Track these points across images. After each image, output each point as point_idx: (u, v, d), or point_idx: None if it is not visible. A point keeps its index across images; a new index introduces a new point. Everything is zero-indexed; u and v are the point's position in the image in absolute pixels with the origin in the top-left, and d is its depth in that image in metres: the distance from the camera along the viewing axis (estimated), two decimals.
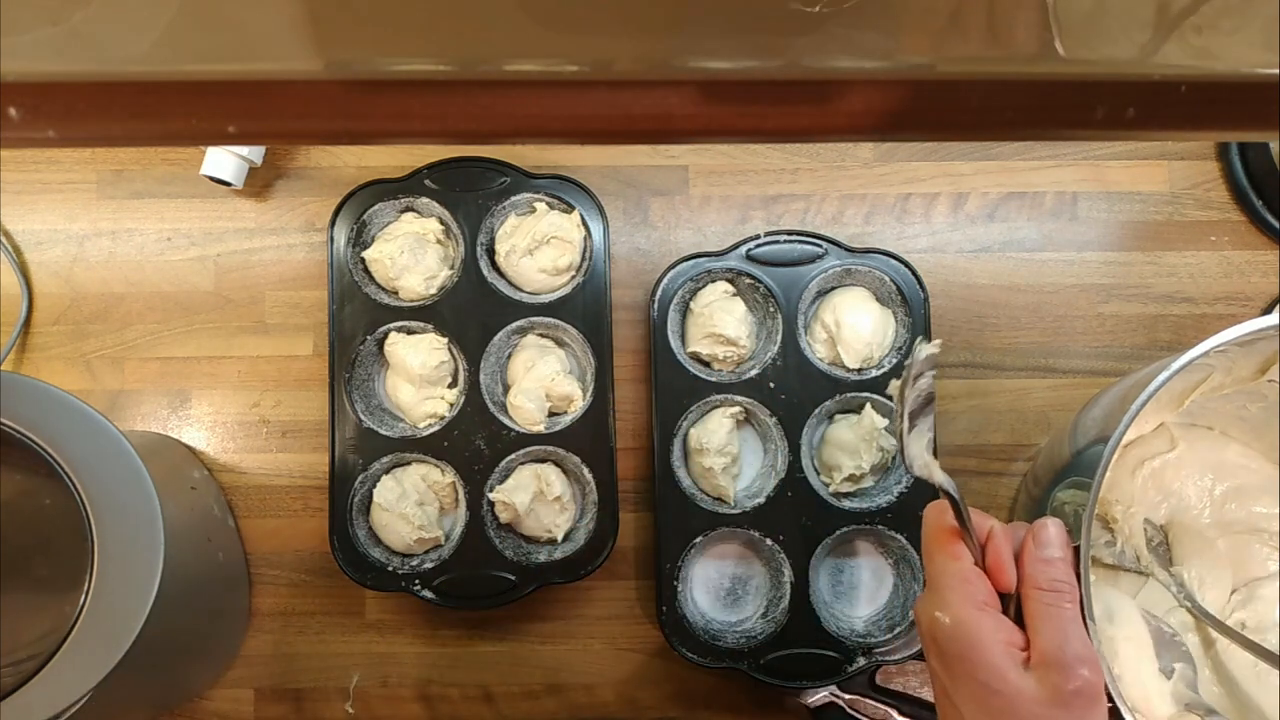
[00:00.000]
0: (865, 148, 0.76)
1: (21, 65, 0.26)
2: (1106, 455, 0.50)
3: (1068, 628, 0.42)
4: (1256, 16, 0.27)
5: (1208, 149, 0.77)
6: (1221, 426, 0.66)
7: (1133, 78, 0.28)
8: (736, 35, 0.27)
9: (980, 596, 0.43)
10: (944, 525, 0.45)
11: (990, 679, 0.41)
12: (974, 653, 0.42)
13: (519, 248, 0.69)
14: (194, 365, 0.74)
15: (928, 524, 0.47)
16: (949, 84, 0.28)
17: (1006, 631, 0.42)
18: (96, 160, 0.76)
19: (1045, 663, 0.41)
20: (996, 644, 0.42)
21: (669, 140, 0.38)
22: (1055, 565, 0.43)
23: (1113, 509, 0.63)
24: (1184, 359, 0.51)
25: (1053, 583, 0.43)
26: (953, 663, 0.43)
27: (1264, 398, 0.62)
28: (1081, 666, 0.40)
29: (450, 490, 0.70)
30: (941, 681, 0.44)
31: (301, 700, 0.72)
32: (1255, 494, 0.65)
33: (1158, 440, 0.66)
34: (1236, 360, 0.58)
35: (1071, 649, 0.41)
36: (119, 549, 0.53)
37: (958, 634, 0.42)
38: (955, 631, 0.42)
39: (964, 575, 0.44)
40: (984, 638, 0.42)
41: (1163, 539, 0.66)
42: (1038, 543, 0.44)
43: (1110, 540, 0.63)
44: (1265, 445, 0.65)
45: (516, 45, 0.27)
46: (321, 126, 0.29)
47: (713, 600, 0.72)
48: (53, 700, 0.51)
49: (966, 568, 0.44)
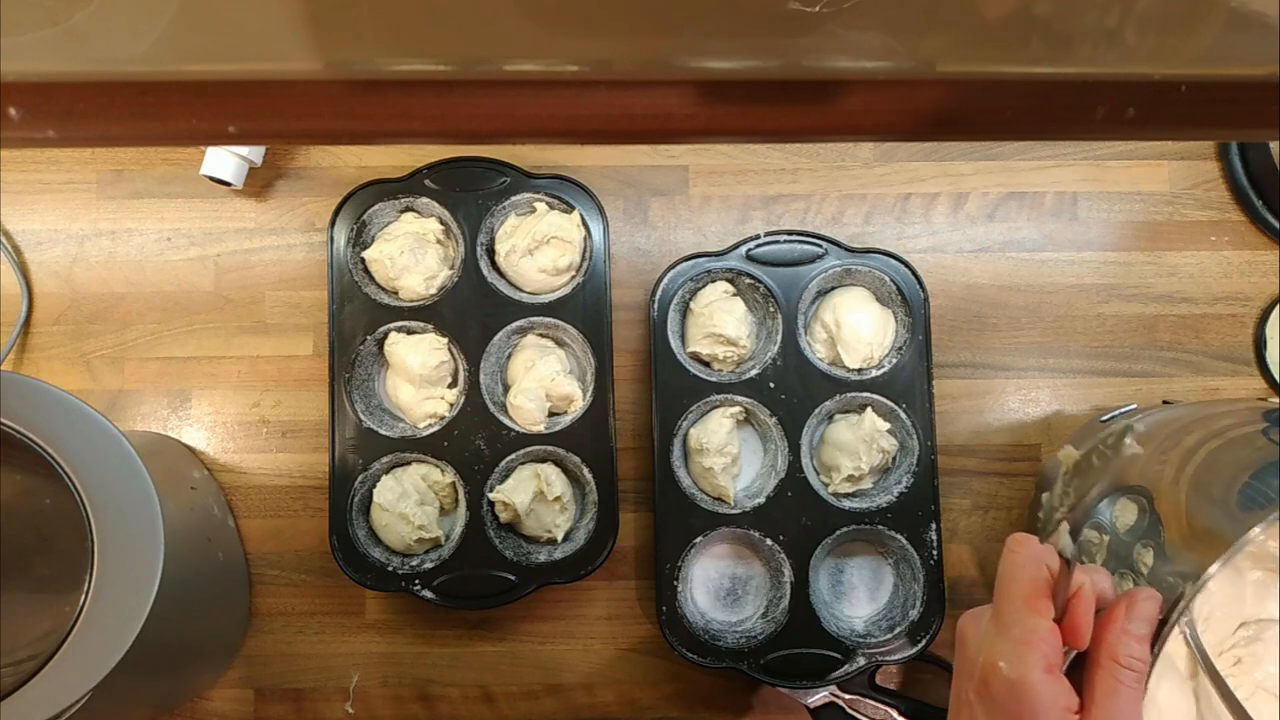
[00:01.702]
0: (865, 148, 0.77)
1: (21, 65, 0.26)
2: (1194, 590, 0.46)
3: (1129, 709, 0.41)
4: (1257, 16, 0.27)
5: (1208, 149, 0.77)
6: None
7: (1133, 78, 0.28)
8: (736, 35, 0.27)
9: (1051, 659, 0.41)
10: (1038, 576, 0.43)
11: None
12: (1028, 715, 0.41)
13: (519, 248, 0.69)
14: (194, 365, 0.74)
15: (1018, 565, 0.44)
16: (949, 84, 0.28)
17: (1065, 697, 0.41)
18: (96, 160, 0.76)
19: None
20: (1054, 710, 0.41)
21: (669, 140, 0.38)
22: (1143, 642, 0.42)
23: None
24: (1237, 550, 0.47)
25: (1130, 660, 0.41)
26: (999, 713, 0.42)
27: None
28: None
29: (450, 490, 0.70)
30: (973, 711, 0.43)
31: (301, 700, 0.72)
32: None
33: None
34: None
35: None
36: (119, 549, 0.53)
37: (1017, 693, 0.41)
38: (1014, 690, 0.41)
39: (1042, 635, 0.42)
40: (1043, 704, 0.41)
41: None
42: (1130, 615, 0.42)
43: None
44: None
45: (516, 45, 0.27)
46: (321, 126, 0.29)
47: (712, 600, 0.72)
48: (53, 700, 0.51)
49: (1046, 627, 0.42)
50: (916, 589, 0.68)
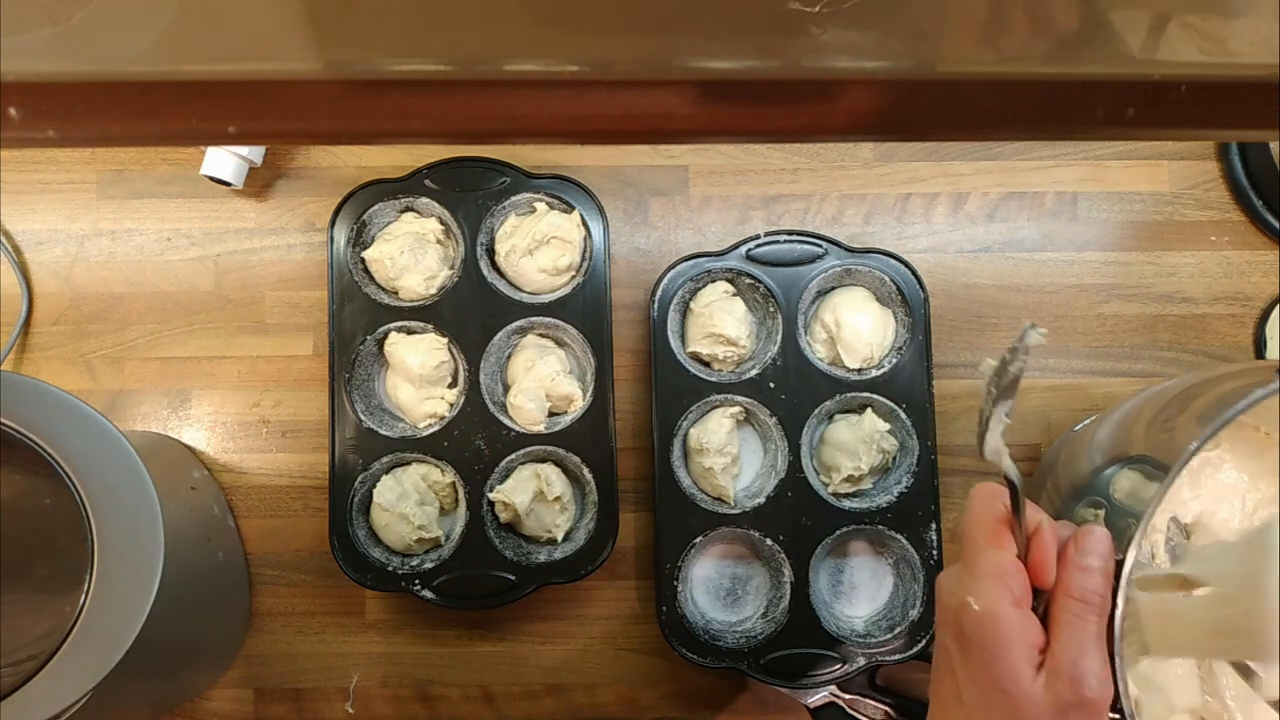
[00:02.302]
0: (865, 148, 0.76)
1: (21, 65, 0.26)
2: (1155, 500, 0.46)
3: (1087, 641, 0.41)
4: (1257, 16, 0.27)
5: (1208, 149, 0.77)
6: (1268, 427, 0.65)
7: (1133, 78, 0.28)
8: (736, 35, 0.27)
9: (1017, 592, 0.42)
10: (995, 511, 0.44)
11: (1002, 675, 0.41)
12: (996, 646, 0.41)
13: (519, 248, 0.69)
14: (194, 365, 0.74)
15: (977, 506, 0.45)
16: (949, 84, 0.28)
17: (1032, 633, 0.42)
18: (96, 160, 0.76)
19: (1056, 670, 0.41)
20: (1020, 644, 0.41)
21: (669, 140, 0.38)
22: (1092, 575, 0.42)
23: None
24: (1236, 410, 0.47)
25: (1084, 592, 0.42)
26: (971, 648, 0.43)
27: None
28: (1088, 682, 0.40)
29: (450, 490, 0.70)
30: (951, 657, 0.44)
31: (301, 700, 0.72)
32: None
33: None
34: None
35: (1085, 663, 0.40)
36: (119, 549, 0.53)
37: (985, 625, 0.42)
38: (983, 622, 0.42)
39: (1005, 568, 0.43)
40: (1011, 635, 0.41)
41: (1183, 539, 0.65)
42: (1079, 549, 0.43)
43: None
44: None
45: (516, 45, 0.27)
46: (321, 126, 0.29)
47: (712, 600, 0.72)
48: (53, 700, 0.51)
49: (1009, 560, 0.43)
50: (916, 589, 0.68)
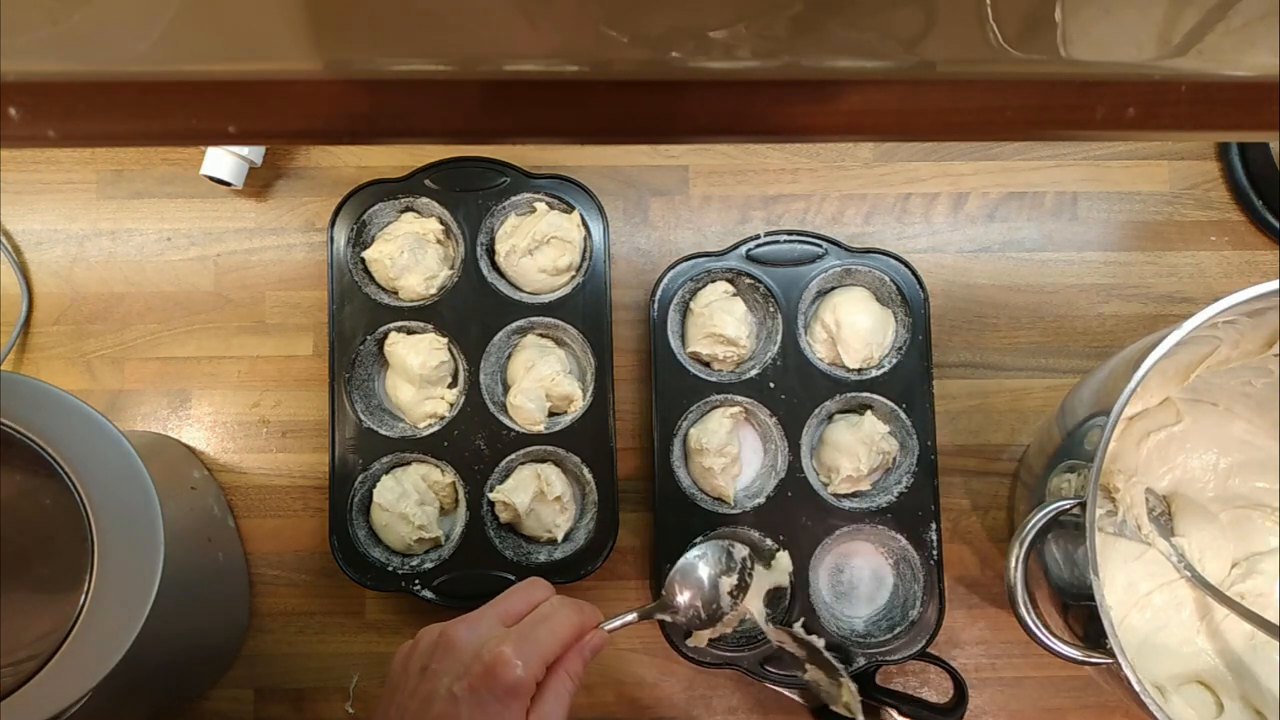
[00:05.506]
0: (865, 148, 0.76)
1: (21, 65, 0.26)
2: (1115, 414, 0.51)
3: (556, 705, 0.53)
4: (1257, 16, 0.27)
5: (1208, 149, 0.77)
6: (1226, 403, 0.66)
7: (1133, 78, 0.28)
8: (736, 35, 0.27)
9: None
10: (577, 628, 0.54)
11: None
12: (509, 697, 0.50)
13: (519, 248, 0.69)
14: (194, 365, 0.74)
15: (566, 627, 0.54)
16: (949, 84, 0.28)
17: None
18: (96, 160, 0.76)
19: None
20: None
21: (669, 140, 0.38)
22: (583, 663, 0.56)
23: (1115, 478, 0.63)
24: (1188, 326, 0.51)
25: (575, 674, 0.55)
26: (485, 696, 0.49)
27: (1269, 373, 0.62)
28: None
29: (450, 490, 0.70)
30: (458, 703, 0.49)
31: (301, 700, 0.72)
32: (1258, 470, 0.66)
33: (1163, 413, 0.66)
34: (1244, 333, 0.58)
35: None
36: (119, 549, 0.53)
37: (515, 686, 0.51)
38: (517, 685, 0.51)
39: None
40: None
41: (1164, 509, 0.66)
42: (580, 644, 0.55)
43: (1112, 510, 0.63)
44: (1268, 422, 0.65)
45: (516, 45, 0.27)
46: (321, 126, 0.29)
47: None
48: (53, 700, 0.51)
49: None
50: (916, 589, 0.68)
